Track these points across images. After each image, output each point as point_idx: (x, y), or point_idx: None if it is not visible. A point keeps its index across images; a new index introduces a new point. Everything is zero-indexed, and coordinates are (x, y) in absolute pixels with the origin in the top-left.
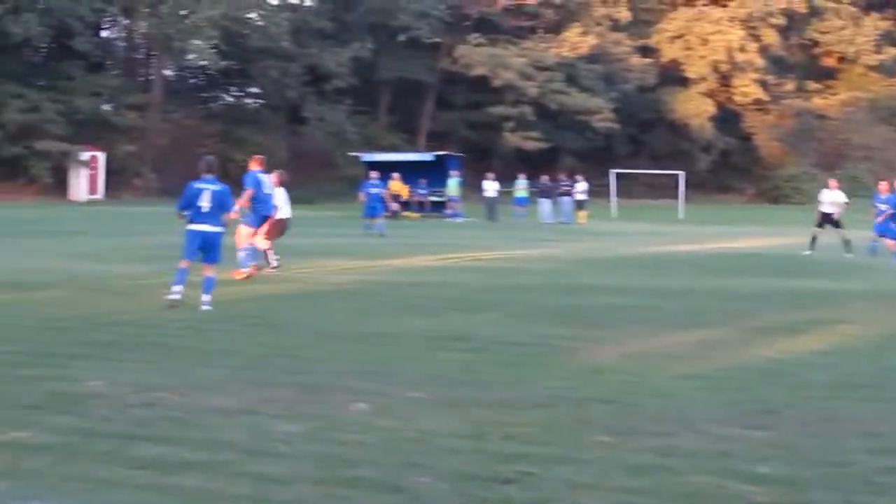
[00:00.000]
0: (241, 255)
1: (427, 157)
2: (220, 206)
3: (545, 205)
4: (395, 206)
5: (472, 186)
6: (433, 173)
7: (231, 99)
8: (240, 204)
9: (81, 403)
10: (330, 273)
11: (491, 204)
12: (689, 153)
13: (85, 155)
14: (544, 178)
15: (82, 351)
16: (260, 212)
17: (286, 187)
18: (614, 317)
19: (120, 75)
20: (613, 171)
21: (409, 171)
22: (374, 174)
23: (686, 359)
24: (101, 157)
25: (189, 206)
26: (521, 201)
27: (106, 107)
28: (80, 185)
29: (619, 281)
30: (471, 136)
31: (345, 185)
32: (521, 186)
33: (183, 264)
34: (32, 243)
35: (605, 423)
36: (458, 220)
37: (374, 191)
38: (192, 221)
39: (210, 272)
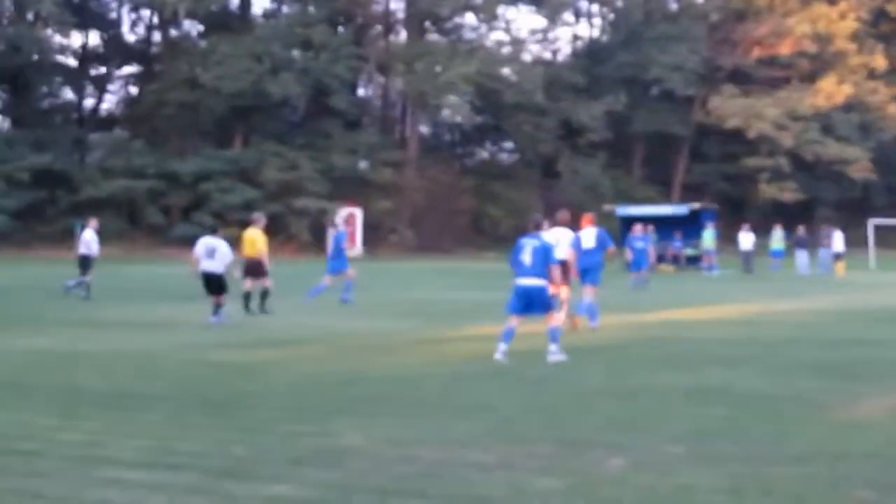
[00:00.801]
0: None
1: (682, 209)
2: (544, 260)
3: (802, 256)
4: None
5: (727, 239)
6: (688, 226)
7: (486, 154)
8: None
9: (340, 458)
10: (587, 327)
11: (747, 256)
12: None
13: (343, 212)
14: (800, 230)
15: (341, 406)
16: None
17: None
18: (875, 371)
19: (376, 132)
20: (872, 221)
21: (664, 225)
22: (637, 228)
23: None
24: (358, 213)
25: (513, 261)
26: (776, 253)
27: (363, 164)
28: None
29: (879, 334)
30: (725, 188)
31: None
32: (777, 238)
33: (511, 321)
34: (292, 300)
35: (867, 477)
36: (714, 272)
37: (639, 245)
38: (516, 276)
39: (552, 321)
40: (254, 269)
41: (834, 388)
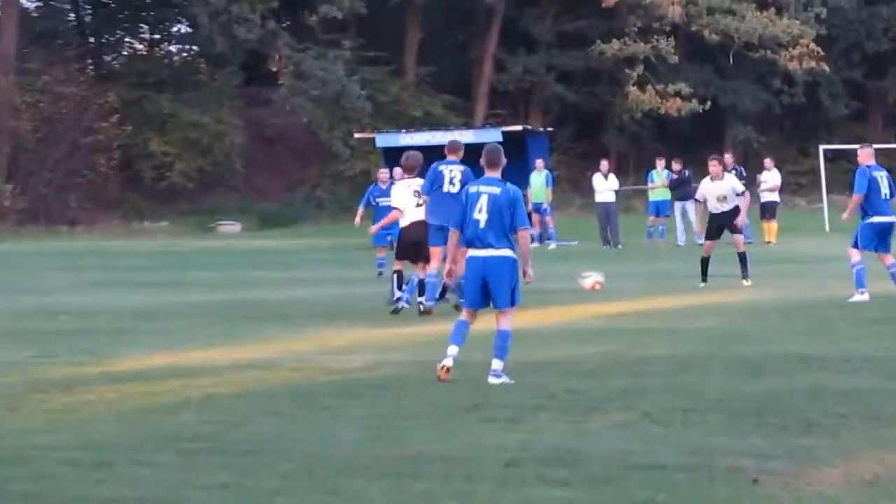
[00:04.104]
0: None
1: (488, 134)
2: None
3: (689, 212)
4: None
5: (572, 185)
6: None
7: (141, 45)
8: None
9: None
10: None
11: (607, 214)
12: None
13: None
14: (676, 165)
15: None
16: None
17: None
18: (830, 410)
19: None
20: (823, 148)
21: (463, 162)
22: (394, 172)
23: None
24: None
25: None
26: (659, 207)
27: None
28: None
29: (830, 345)
30: (567, 96)
31: (347, 187)
32: (659, 182)
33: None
34: None
35: None
36: (552, 244)
37: (385, 202)
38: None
39: (503, 321)
40: None
41: (769, 447)
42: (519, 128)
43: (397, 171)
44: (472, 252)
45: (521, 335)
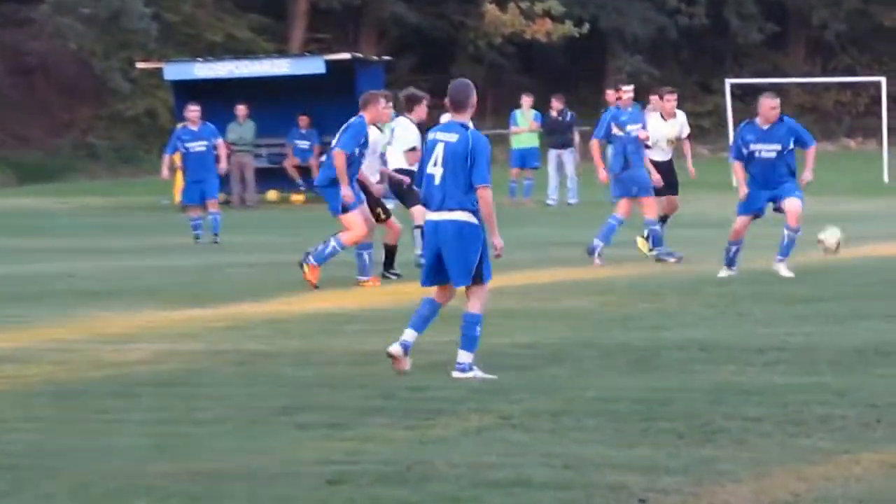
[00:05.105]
0: None
1: (311, 65)
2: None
3: (565, 165)
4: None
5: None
6: (329, 104)
7: None
8: None
9: None
10: None
11: None
12: None
13: None
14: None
15: None
16: None
17: None
18: (736, 415)
19: None
20: (731, 82)
21: (276, 100)
22: (193, 110)
23: None
24: None
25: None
26: (525, 157)
27: None
28: None
29: (754, 334)
30: (406, 15)
31: (128, 132)
32: (526, 125)
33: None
34: None
35: None
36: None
37: (199, 147)
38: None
39: (474, 301)
40: None
41: (661, 458)
42: (347, 56)
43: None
44: (428, 215)
45: (348, 318)
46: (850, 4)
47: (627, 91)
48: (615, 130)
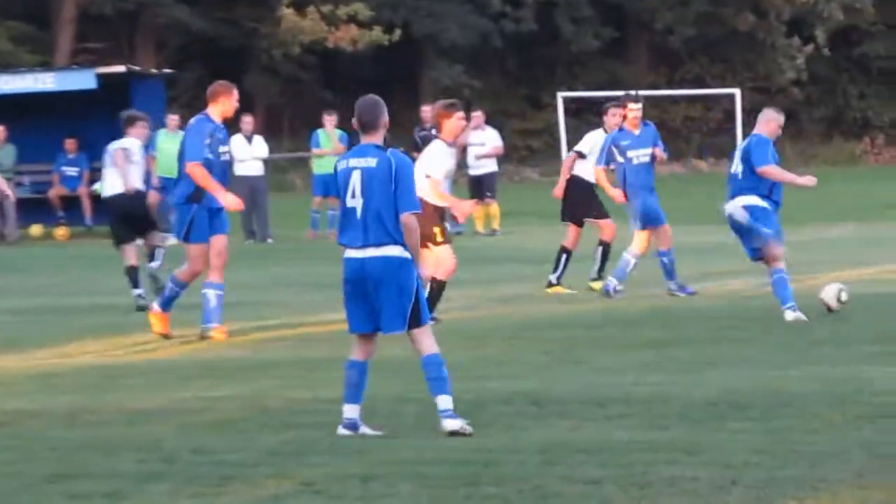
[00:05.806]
0: None
1: (79, 79)
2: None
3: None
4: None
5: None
6: (101, 123)
7: None
8: None
9: None
10: None
11: (252, 193)
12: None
13: None
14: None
15: None
16: None
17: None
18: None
19: None
20: (563, 95)
21: (41, 120)
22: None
23: None
24: None
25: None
26: (329, 184)
27: None
28: None
29: (593, 384)
30: (189, 22)
31: None
32: (331, 146)
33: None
34: None
35: None
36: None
37: None
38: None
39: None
40: None
41: None
42: (122, 69)
43: None
44: (348, 253)
45: (123, 371)
46: (698, 6)
47: (635, 109)
48: (617, 156)
